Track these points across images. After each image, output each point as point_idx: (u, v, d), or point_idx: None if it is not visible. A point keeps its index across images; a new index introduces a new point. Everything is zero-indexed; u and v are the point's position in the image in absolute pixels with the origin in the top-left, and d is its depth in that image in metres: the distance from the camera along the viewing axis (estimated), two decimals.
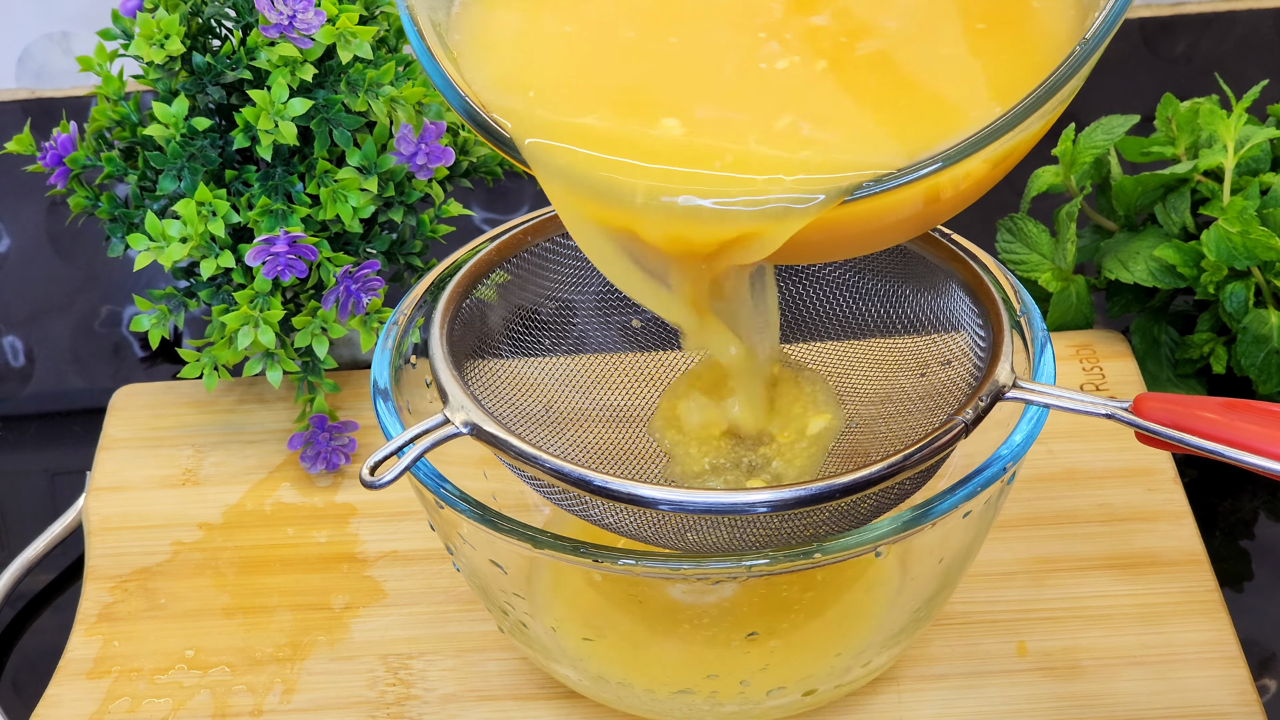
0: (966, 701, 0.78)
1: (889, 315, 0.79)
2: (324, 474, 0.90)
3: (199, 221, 0.85)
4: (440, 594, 0.84)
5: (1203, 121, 0.91)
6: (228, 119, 0.88)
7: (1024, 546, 0.84)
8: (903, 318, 0.78)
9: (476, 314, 0.78)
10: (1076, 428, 0.70)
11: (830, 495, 0.66)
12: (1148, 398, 0.68)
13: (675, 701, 0.74)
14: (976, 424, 0.69)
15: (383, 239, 0.89)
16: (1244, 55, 1.20)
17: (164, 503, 0.89)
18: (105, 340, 1.04)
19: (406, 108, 0.86)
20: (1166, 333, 0.94)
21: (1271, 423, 0.66)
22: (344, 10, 0.85)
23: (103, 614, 0.84)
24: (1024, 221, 0.95)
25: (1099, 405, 0.69)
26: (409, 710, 0.79)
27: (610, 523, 0.69)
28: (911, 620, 0.74)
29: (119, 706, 0.80)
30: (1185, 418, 0.67)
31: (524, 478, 0.71)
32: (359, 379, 0.94)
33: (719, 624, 0.70)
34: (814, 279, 0.80)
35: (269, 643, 0.82)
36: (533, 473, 0.69)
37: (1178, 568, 0.83)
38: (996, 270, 0.78)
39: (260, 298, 0.85)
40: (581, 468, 0.67)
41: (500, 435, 0.69)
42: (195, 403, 0.94)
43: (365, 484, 0.66)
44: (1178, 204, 0.93)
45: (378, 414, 0.73)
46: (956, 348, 0.76)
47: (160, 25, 0.85)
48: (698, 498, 0.66)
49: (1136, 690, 0.78)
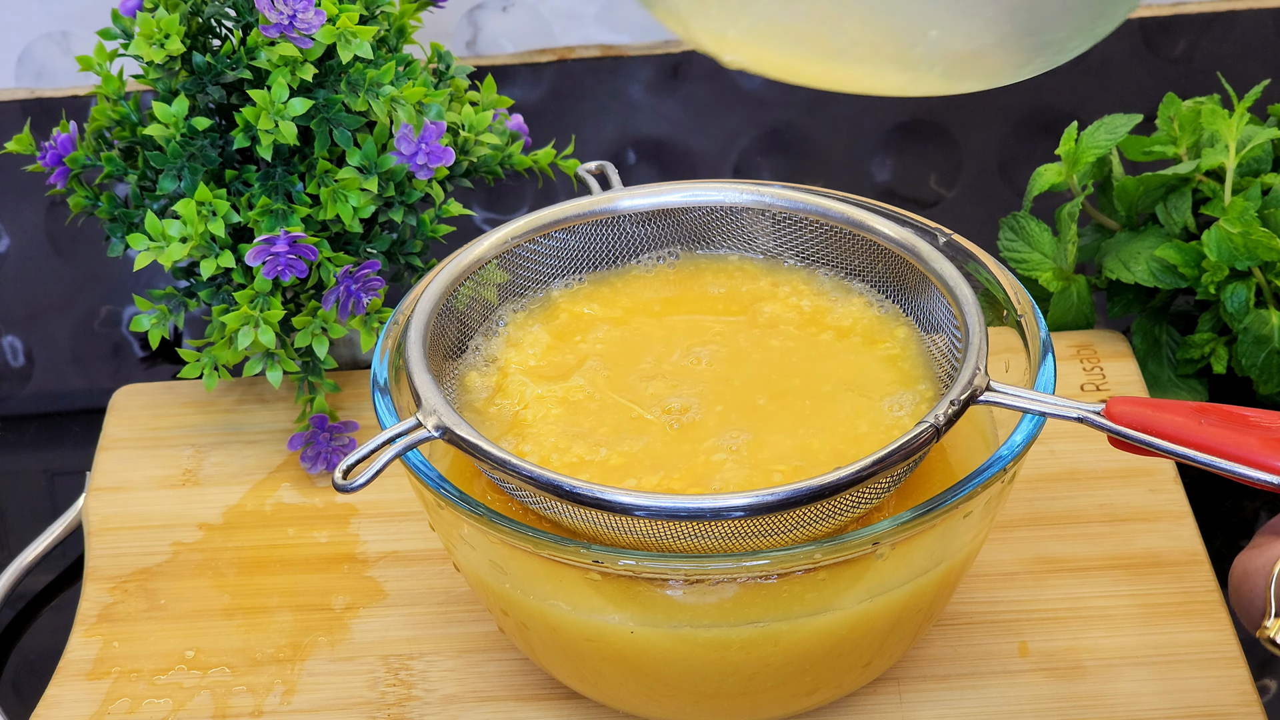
0: (968, 702, 0.78)
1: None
2: (324, 474, 0.90)
3: (199, 221, 0.85)
4: (440, 594, 0.84)
5: (1204, 121, 0.91)
6: (228, 119, 0.88)
7: (1025, 547, 0.84)
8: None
9: (454, 317, 0.78)
10: (1077, 428, 0.70)
11: (802, 499, 0.66)
12: (1120, 401, 0.68)
13: (675, 702, 0.74)
14: (949, 427, 0.69)
15: (383, 239, 0.89)
16: (1244, 55, 1.20)
17: (164, 503, 0.89)
18: (105, 340, 1.04)
19: (407, 108, 0.86)
20: (1167, 333, 0.94)
21: (1241, 427, 0.67)
22: (344, 10, 0.85)
23: (103, 614, 0.84)
24: (1026, 220, 0.95)
25: (1071, 408, 0.69)
26: (409, 711, 0.79)
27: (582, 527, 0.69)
28: (913, 620, 0.73)
29: (119, 707, 0.80)
30: (1155, 421, 0.67)
31: (499, 482, 0.72)
32: (359, 379, 0.94)
33: (719, 624, 0.70)
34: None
35: (269, 643, 0.82)
36: (502, 476, 0.69)
37: (1179, 568, 0.83)
38: (997, 270, 0.78)
39: (260, 298, 0.85)
40: (553, 472, 0.67)
41: (472, 439, 0.69)
42: (195, 403, 0.94)
43: (337, 487, 0.67)
44: (1179, 204, 0.93)
45: (377, 411, 0.73)
46: (936, 349, 0.77)
47: (160, 25, 0.85)
48: (668, 502, 0.66)
49: (1137, 690, 0.78)
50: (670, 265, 0.83)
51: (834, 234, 0.81)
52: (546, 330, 0.80)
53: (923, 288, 0.78)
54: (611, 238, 0.82)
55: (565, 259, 0.82)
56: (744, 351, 0.78)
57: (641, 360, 0.78)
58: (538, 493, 0.68)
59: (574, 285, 0.82)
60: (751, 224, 0.82)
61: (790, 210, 0.81)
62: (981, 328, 0.73)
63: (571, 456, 0.73)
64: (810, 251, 0.82)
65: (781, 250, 0.82)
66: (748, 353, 0.78)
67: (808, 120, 1.17)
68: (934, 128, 1.16)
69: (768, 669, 0.72)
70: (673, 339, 0.79)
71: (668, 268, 0.83)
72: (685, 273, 0.83)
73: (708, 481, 0.71)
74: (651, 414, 0.75)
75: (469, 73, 0.95)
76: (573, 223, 0.81)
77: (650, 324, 0.80)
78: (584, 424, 0.74)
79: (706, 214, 0.82)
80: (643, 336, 0.79)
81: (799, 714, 0.77)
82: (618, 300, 0.81)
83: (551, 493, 0.68)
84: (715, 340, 0.79)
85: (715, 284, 0.82)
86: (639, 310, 0.81)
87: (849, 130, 1.17)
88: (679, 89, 1.20)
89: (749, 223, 0.82)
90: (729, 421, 0.74)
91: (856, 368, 0.77)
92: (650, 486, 0.71)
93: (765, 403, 0.75)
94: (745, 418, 0.74)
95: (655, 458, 0.73)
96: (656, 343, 0.79)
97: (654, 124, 1.18)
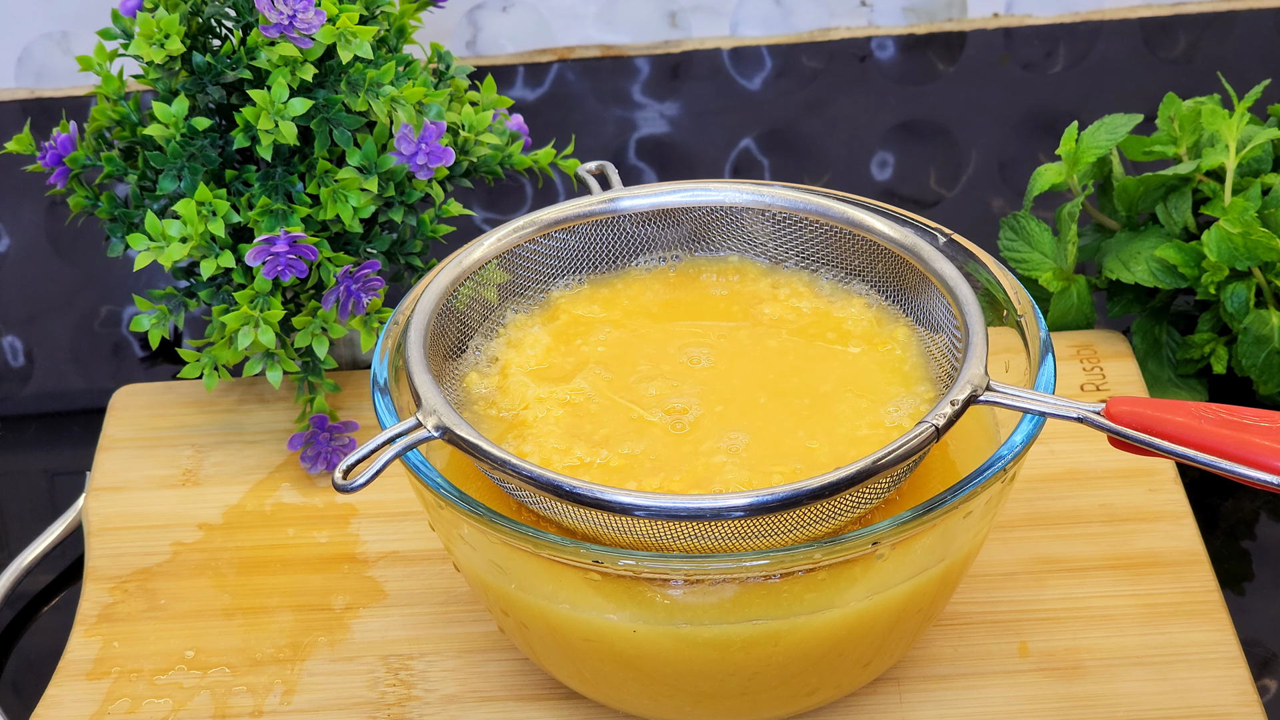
0: (968, 702, 0.78)
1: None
2: (324, 474, 0.90)
3: (199, 221, 0.85)
4: (441, 594, 0.84)
5: (1205, 121, 0.91)
6: (228, 119, 0.88)
7: (1025, 546, 0.84)
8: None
9: (454, 317, 0.78)
10: (1078, 428, 0.70)
11: (802, 499, 0.66)
12: (1120, 401, 0.68)
13: (675, 702, 0.74)
14: (949, 427, 0.69)
15: (383, 239, 0.89)
16: (1244, 55, 1.20)
17: (164, 503, 0.89)
18: (105, 340, 1.04)
19: (407, 108, 0.86)
20: (1167, 333, 0.94)
21: (1241, 428, 0.66)
22: (344, 10, 0.85)
23: (103, 614, 0.84)
24: (1026, 220, 0.95)
25: (1071, 408, 0.69)
26: (410, 711, 0.79)
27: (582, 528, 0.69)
28: (913, 620, 0.73)
29: (119, 707, 0.80)
30: (1155, 421, 0.67)
31: (499, 483, 0.72)
32: (359, 379, 0.94)
33: (720, 624, 0.70)
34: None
35: (269, 643, 0.82)
36: (502, 476, 0.69)
37: (1179, 568, 0.83)
38: (997, 270, 0.78)
39: (260, 298, 0.85)
40: (553, 473, 0.67)
41: (472, 440, 0.69)
42: (195, 403, 0.94)
43: (337, 487, 0.67)
44: (1179, 204, 0.93)
45: (377, 411, 0.73)
46: (936, 349, 0.77)
47: (160, 25, 0.85)
48: (668, 503, 0.66)
49: (1138, 690, 0.78)
50: (670, 266, 0.83)
51: (834, 234, 0.81)
52: (547, 331, 0.80)
53: (923, 288, 0.78)
54: (611, 238, 0.82)
55: (565, 259, 0.82)
56: (744, 352, 0.78)
57: (642, 361, 0.78)
58: (538, 493, 0.68)
59: (574, 286, 0.82)
60: (751, 224, 0.82)
61: (790, 210, 0.81)
62: (981, 328, 0.73)
63: (572, 458, 0.73)
64: (810, 251, 0.82)
65: (781, 250, 0.82)
66: (748, 353, 0.78)
67: (808, 120, 1.17)
68: (934, 128, 1.16)
69: (768, 669, 0.72)
70: (673, 340, 0.79)
71: (668, 268, 0.83)
72: (685, 273, 0.83)
73: (708, 484, 0.71)
74: (652, 415, 0.75)
75: (469, 73, 0.95)
76: (573, 223, 0.81)
77: (650, 325, 0.80)
78: (584, 425, 0.74)
79: (706, 214, 0.82)
80: (643, 337, 0.79)
81: (799, 714, 0.77)
82: (618, 301, 0.81)
83: (551, 493, 0.68)
84: (715, 341, 0.79)
85: (715, 285, 0.82)
86: (639, 311, 0.81)
87: (849, 130, 1.17)
88: (679, 89, 1.20)
89: (749, 223, 0.82)
90: (729, 422, 0.74)
91: (856, 368, 0.77)
92: (651, 489, 0.71)
93: (765, 403, 0.75)
94: (745, 418, 0.74)
95: (656, 460, 0.73)
96: (657, 344, 0.79)
97: (654, 124, 1.18)
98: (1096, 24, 1.22)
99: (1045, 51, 1.21)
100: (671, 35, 1.22)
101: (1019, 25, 1.22)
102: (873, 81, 1.20)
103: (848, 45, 1.22)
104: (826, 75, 1.20)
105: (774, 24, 1.22)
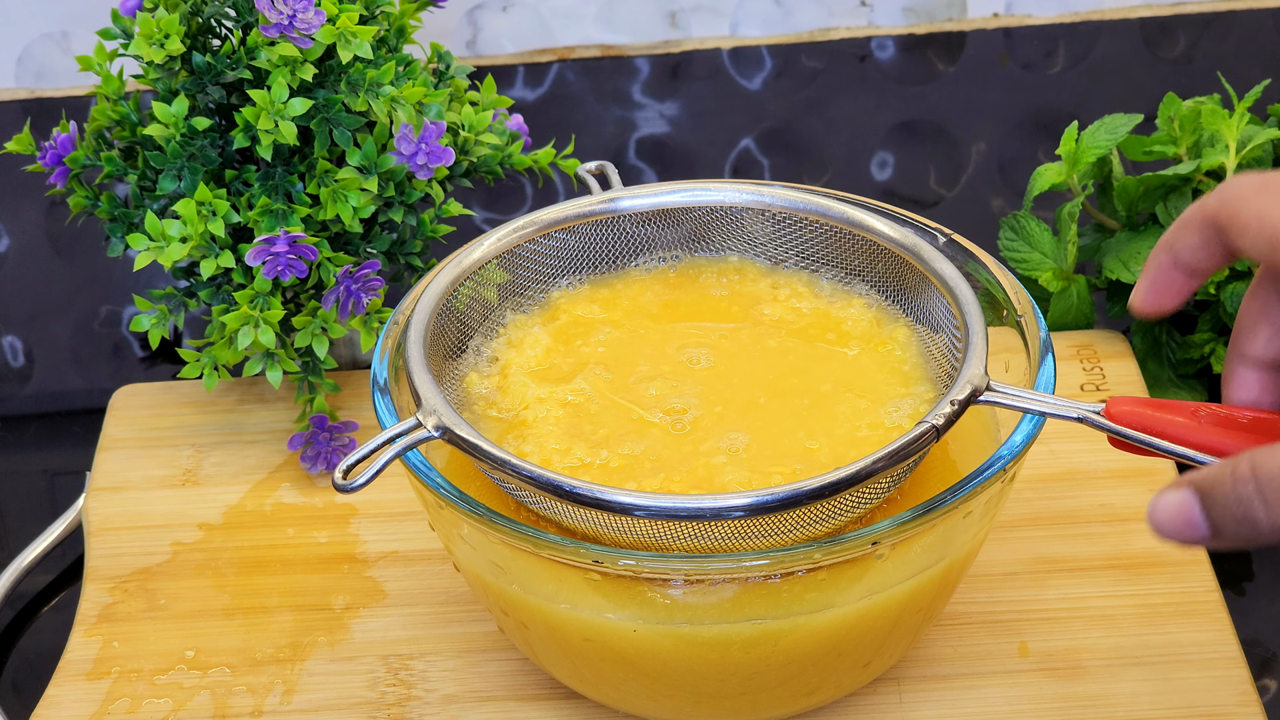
0: (968, 702, 0.78)
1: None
2: (324, 474, 0.90)
3: (199, 221, 0.85)
4: (440, 594, 0.84)
5: (1205, 121, 0.91)
6: (228, 119, 0.88)
7: (1025, 546, 0.84)
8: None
9: (454, 317, 0.78)
10: (1078, 428, 0.70)
11: (802, 499, 0.66)
12: (1120, 401, 0.68)
13: (675, 702, 0.74)
14: (948, 427, 0.69)
15: (383, 239, 0.89)
16: (1244, 55, 1.20)
17: (164, 503, 0.89)
18: (105, 340, 1.04)
19: (406, 108, 0.86)
20: (1167, 333, 0.94)
21: (1240, 428, 0.66)
22: (344, 10, 0.85)
23: (102, 614, 0.84)
24: (1026, 220, 0.95)
25: (1071, 408, 0.69)
26: (410, 711, 0.79)
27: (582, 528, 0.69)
28: (913, 620, 0.73)
29: (119, 707, 0.80)
30: (1155, 421, 0.67)
31: (499, 483, 0.72)
32: (359, 379, 0.94)
33: (720, 623, 0.70)
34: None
35: (269, 643, 0.82)
36: (502, 476, 0.69)
37: (1179, 568, 0.83)
38: (997, 270, 0.78)
39: (260, 298, 0.85)
40: (552, 472, 0.67)
41: (472, 440, 0.69)
42: (195, 403, 0.94)
43: (337, 487, 0.67)
44: (1179, 204, 0.93)
45: (377, 411, 0.73)
46: (936, 349, 0.77)
47: (160, 25, 0.85)
48: (668, 503, 0.66)
49: (1138, 690, 0.78)
50: (670, 266, 0.83)
51: (834, 234, 0.81)
52: (547, 331, 0.80)
53: (923, 288, 0.78)
54: (611, 238, 0.82)
55: (565, 259, 0.82)
56: (744, 352, 0.78)
57: (642, 362, 0.78)
58: (538, 493, 0.68)
59: (574, 287, 0.82)
60: (751, 224, 0.82)
61: (790, 210, 0.81)
62: (981, 328, 0.73)
63: (572, 458, 0.73)
64: (810, 252, 0.82)
65: (781, 250, 0.82)
66: (748, 353, 0.78)
67: (808, 120, 1.17)
68: (934, 128, 1.16)
69: (768, 669, 0.72)
70: (673, 340, 0.79)
71: (668, 269, 0.83)
72: (685, 274, 0.83)
73: (708, 485, 0.71)
74: (652, 415, 0.75)
75: (469, 73, 0.95)
76: (573, 223, 0.81)
77: (650, 325, 0.80)
78: (584, 426, 0.74)
79: (706, 214, 0.82)
80: (643, 338, 0.79)
81: (799, 714, 0.77)
82: (618, 301, 0.81)
83: (551, 493, 0.68)
84: (715, 341, 0.79)
85: (715, 285, 0.82)
86: (639, 311, 0.81)
87: (849, 130, 1.17)
88: (679, 89, 1.20)
89: (749, 223, 0.82)
90: (729, 423, 0.74)
91: (856, 368, 0.77)
92: (651, 489, 0.71)
93: (765, 403, 0.75)
94: (745, 419, 0.74)
95: (656, 460, 0.73)
96: (657, 344, 0.79)
97: (654, 124, 1.18)
98: (1096, 24, 1.22)
99: (1045, 51, 1.21)
100: (671, 35, 1.22)
101: (1019, 25, 1.22)
102: (873, 81, 1.20)
103: (848, 45, 1.22)
104: (826, 75, 1.20)
105: (774, 24, 1.22)
